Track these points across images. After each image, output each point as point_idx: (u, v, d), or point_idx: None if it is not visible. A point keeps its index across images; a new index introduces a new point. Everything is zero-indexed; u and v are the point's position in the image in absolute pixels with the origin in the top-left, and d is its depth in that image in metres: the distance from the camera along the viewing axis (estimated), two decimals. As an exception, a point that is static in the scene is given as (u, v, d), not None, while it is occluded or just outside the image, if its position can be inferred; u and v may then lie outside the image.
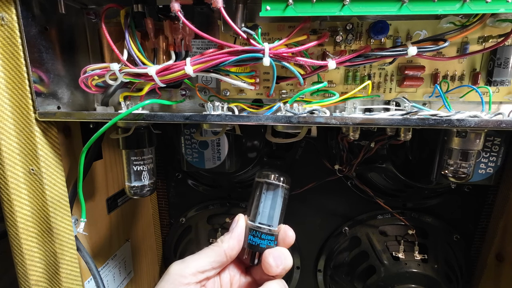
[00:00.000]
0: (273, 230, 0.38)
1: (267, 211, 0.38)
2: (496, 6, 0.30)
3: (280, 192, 0.39)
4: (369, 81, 0.41)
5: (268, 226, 0.38)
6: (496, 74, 0.39)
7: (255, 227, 0.37)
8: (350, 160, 0.57)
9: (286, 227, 0.38)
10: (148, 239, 0.73)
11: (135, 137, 0.47)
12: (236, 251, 0.36)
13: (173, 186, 0.73)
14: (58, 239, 0.42)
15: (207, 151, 0.54)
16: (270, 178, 0.39)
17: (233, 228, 0.37)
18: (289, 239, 0.37)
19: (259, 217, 0.38)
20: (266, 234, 0.37)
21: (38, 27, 0.37)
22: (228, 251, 0.35)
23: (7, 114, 0.37)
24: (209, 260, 0.34)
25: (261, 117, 0.36)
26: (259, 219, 0.38)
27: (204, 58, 0.35)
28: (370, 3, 0.32)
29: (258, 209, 0.38)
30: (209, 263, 0.34)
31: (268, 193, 0.38)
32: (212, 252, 0.35)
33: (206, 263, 0.34)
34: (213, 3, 0.32)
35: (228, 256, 0.35)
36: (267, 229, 0.37)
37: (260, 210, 0.38)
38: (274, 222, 0.38)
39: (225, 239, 0.36)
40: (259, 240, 0.36)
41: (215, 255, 0.35)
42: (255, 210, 0.38)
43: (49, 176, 0.40)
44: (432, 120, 0.34)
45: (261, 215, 0.38)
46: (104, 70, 0.38)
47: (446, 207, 0.65)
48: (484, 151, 0.50)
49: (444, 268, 0.61)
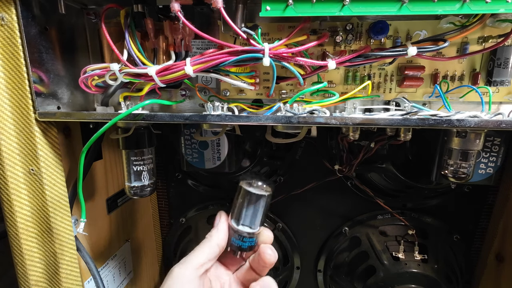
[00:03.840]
0: (254, 233, 0.40)
1: (249, 216, 0.40)
2: (496, 6, 0.30)
3: (262, 201, 0.40)
4: (369, 81, 0.41)
5: (250, 229, 0.40)
6: (496, 74, 0.39)
7: (238, 231, 0.40)
8: (350, 160, 0.57)
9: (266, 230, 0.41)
10: (148, 239, 0.73)
11: (135, 137, 0.47)
12: (224, 242, 0.40)
13: (173, 186, 0.73)
14: (58, 239, 0.42)
15: (207, 151, 0.54)
16: (254, 186, 0.40)
17: (217, 223, 0.41)
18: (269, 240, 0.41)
19: (241, 221, 0.40)
20: (247, 237, 0.39)
21: (38, 27, 0.37)
22: (218, 242, 0.39)
23: (7, 114, 0.37)
24: (204, 254, 0.38)
25: (261, 117, 0.36)
26: (242, 222, 0.40)
27: (204, 58, 0.35)
28: (370, 3, 0.32)
29: (241, 214, 0.40)
30: (205, 256, 0.37)
31: (251, 201, 0.40)
32: (205, 247, 0.38)
33: (203, 257, 0.37)
34: (213, 3, 0.32)
35: (220, 246, 0.39)
36: (249, 232, 0.39)
37: (243, 215, 0.40)
38: (256, 226, 0.40)
39: (213, 233, 0.40)
40: (241, 242, 0.39)
41: (209, 248, 0.38)
42: (238, 214, 0.40)
43: (49, 176, 0.40)
44: (432, 120, 0.34)
45: (244, 219, 0.40)
46: (104, 70, 0.38)
47: (446, 207, 0.65)
48: (484, 151, 0.50)
49: (444, 268, 0.61)
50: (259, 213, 0.40)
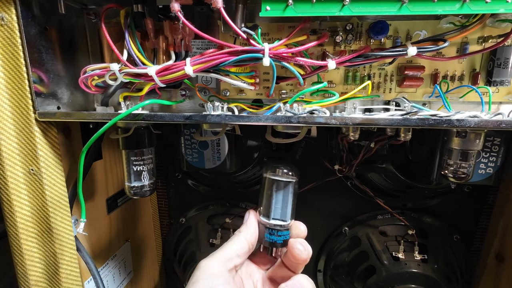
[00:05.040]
0: (287, 225, 0.38)
1: (280, 208, 0.39)
2: (496, 7, 0.30)
3: (290, 188, 0.39)
4: (369, 81, 0.41)
5: (282, 222, 0.38)
6: (496, 74, 0.39)
7: (271, 226, 0.38)
8: (350, 160, 0.57)
9: (297, 223, 0.40)
10: (148, 239, 0.73)
11: (135, 137, 0.47)
12: (255, 238, 0.38)
13: (173, 186, 0.73)
14: (58, 239, 0.42)
15: (207, 151, 0.54)
16: (280, 174, 0.39)
17: (247, 219, 0.39)
18: (302, 234, 0.39)
19: (272, 215, 0.38)
20: (281, 230, 0.38)
21: (38, 27, 0.37)
22: (248, 237, 0.37)
23: (7, 114, 0.37)
24: (233, 249, 0.36)
25: (261, 117, 0.36)
26: (273, 216, 0.38)
27: (204, 58, 0.35)
28: (370, 3, 0.32)
29: (271, 207, 0.38)
30: (233, 251, 0.36)
31: (279, 190, 0.39)
32: (234, 242, 0.37)
33: (231, 252, 0.36)
34: (213, 3, 0.32)
35: (249, 243, 0.37)
36: (282, 225, 0.38)
37: (273, 208, 0.38)
38: (287, 217, 0.39)
39: (242, 229, 0.38)
40: (276, 237, 0.38)
41: (238, 243, 0.37)
42: (267, 208, 0.39)
43: (49, 176, 0.40)
44: (432, 120, 0.34)
45: (274, 212, 0.38)
46: (104, 70, 0.38)
47: (446, 207, 0.65)
48: (484, 151, 0.50)
49: (444, 268, 0.61)
50: (289, 203, 0.38)
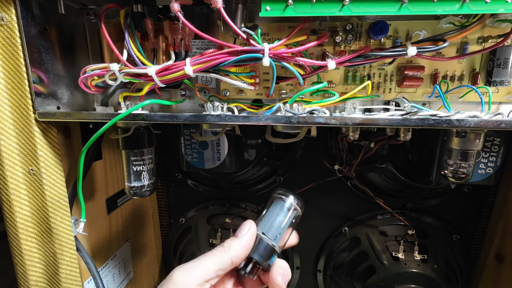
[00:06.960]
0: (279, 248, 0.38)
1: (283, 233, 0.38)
2: (496, 7, 0.30)
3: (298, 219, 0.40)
4: (369, 81, 0.41)
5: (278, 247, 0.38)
6: (496, 74, 0.39)
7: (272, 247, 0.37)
8: (350, 160, 0.57)
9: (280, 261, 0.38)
10: (148, 239, 0.73)
11: (135, 137, 0.47)
12: (241, 260, 0.34)
13: (173, 186, 0.73)
14: (58, 240, 0.42)
15: (206, 151, 0.54)
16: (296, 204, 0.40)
17: (243, 235, 0.34)
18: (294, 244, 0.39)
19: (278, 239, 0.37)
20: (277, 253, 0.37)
21: (37, 27, 0.37)
22: (234, 259, 0.33)
23: (7, 114, 0.37)
24: (214, 268, 0.32)
25: (261, 117, 0.36)
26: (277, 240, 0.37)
27: (204, 58, 0.35)
28: (369, 3, 0.32)
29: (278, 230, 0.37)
30: (214, 271, 0.32)
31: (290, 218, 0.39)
32: (218, 259, 0.32)
33: (211, 271, 0.32)
34: (213, 3, 0.32)
35: (234, 264, 0.33)
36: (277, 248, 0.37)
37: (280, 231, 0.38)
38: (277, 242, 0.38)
39: (233, 246, 0.33)
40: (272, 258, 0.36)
41: (221, 262, 0.32)
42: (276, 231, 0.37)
43: (49, 177, 0.40)
44: (431, 120, 0.34)
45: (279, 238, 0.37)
46: (104, 70, 0.37)
47: (446, 207, 0.65)
48: (484, 151, 0.50)
49: (444, 268, 0.61)
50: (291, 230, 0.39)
